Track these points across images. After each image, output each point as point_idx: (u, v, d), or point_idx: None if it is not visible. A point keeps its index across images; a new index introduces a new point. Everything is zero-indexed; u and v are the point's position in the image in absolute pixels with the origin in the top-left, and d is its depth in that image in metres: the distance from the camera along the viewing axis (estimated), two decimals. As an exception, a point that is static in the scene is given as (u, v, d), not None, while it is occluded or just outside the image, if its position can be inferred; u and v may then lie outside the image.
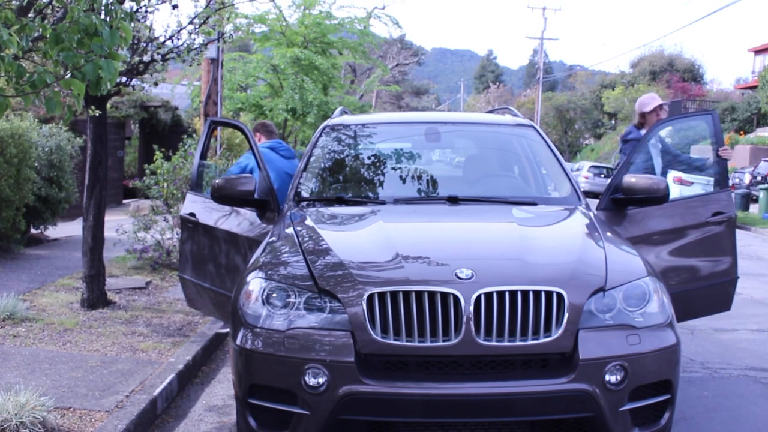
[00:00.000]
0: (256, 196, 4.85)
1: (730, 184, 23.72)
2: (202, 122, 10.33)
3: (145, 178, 9.07)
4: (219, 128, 10.30)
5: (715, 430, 4.70)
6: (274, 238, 4.28)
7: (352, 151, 5.58)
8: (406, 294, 3.37)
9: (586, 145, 57.38)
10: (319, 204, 4.90)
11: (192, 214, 5.32)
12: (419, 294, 3.36)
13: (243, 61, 20.23)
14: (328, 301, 3.47)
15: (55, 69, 3.56)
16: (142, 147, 21.26)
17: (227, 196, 4.77)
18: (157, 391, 4.69)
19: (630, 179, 4.81)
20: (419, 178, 5.22)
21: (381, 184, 5.17)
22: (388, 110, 53.80)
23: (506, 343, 3.31)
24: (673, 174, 24.79)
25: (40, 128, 10.46)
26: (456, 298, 3.33)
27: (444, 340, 3.31)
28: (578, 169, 35.74)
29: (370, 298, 3.38)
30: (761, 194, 22.85)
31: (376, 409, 3.32)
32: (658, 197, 4.68)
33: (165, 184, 8.70)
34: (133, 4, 4.46)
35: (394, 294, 3.38)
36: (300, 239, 4.04)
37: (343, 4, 28.48)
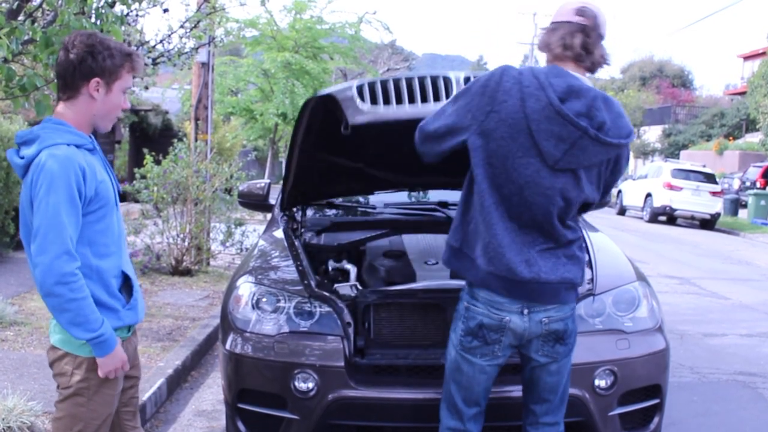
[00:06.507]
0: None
1: (720, 189, 23.56)
2: (193, 126, 10.31)
3: (135, 182, 9.02)
4: (209, 132, 10.27)
5: (704, 435, 4.72)
6: (264, 243, 4.28)
7: (342, 156, 5.57)
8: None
9: (577, 150, 57.47)
10: (309, 209, 4.90)
11: None
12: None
13: (234, 65, 20.21)
14: (318, 306, 3.47)
15: (45, 72, 3.55)
16: (132, 151, 21.15)
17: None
18: (146, 395, 4.67)
19: None
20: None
21: (371, 189, 5.17)
22: (379, 115, 53.55)
23: (496, 348, 3.31)
24: (663, 179, 24.83)
25: (30, 131, 10.41)
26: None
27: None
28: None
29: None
30: (750, 199, 22.95)
31: (365, 414, 3.33)
32: None
33: (155, 188, 8.65)
34: (124, 7, 4.44)
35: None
36: (290, 243, 4.03)
37: (334, 9, 28.60)
